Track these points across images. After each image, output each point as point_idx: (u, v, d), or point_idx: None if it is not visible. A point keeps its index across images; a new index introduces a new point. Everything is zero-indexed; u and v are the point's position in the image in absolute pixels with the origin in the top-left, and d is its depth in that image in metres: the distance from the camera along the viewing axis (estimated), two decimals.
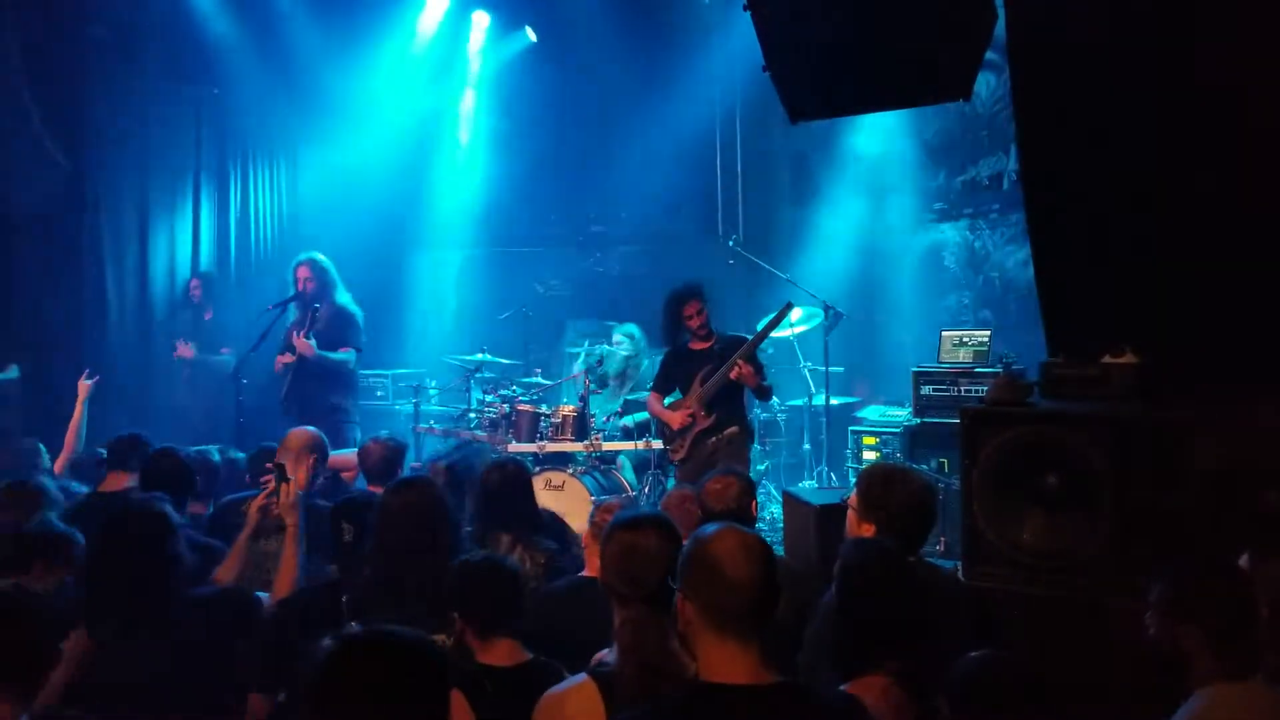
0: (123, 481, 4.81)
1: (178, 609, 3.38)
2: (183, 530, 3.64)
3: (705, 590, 2.29)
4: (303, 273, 7.34)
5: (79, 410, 6.12)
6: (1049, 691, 2.54)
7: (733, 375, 6.34)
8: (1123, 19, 4.58)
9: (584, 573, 3.91)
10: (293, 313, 7.41)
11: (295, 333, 7.22)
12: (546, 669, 3.06)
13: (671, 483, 7.11)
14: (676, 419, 6.61)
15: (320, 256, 7.42)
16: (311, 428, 4.84)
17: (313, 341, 7.17)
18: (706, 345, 6.63)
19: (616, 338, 8.36)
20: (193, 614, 3.41)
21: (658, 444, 7.20)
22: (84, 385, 6.21)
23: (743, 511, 4.25)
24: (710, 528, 2.41)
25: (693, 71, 9.53)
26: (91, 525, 3.77)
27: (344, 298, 7.45)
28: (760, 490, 6.69)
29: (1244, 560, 3.03)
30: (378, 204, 9.39)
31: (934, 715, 2.80)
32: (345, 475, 5.31)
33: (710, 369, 6.50)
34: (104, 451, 5.16)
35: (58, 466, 5.78)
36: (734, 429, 6.54)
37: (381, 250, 9.43)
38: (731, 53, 8.97)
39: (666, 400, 6.81)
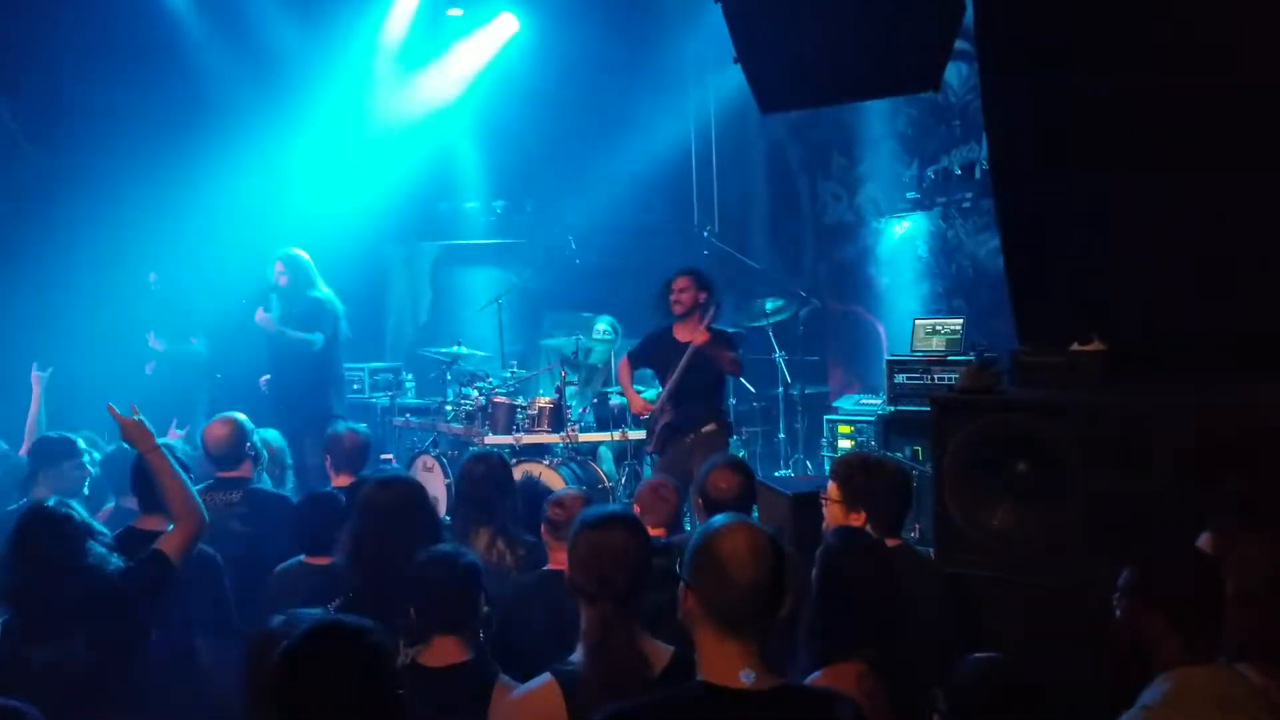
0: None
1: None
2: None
3: (710, 588, 2.26)
4: (278, 268, 7.33)
5: (35, 404, 6.05)
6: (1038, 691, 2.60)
7: (697, 341, 6.33)
8: (1089, 9, 4.63)
9: (546, 567, 3.92)
10: (273, 307, 7.38)
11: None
12: (480, 670, 3.03)
13: (648, 472, 7.15)
14: (635, 405, 6.69)
15: (296, 251, 7.40)
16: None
17: (272, 315, 7.13)
18: (691, 336, 6.60)
19: (601, 327, 8.38)
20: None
21: (634, 434, 7.23)
22: (37, 377, 6.15)
23: (744, 503, 4.28)
24: (720, 520, 2.37)
25: (667, 63, 9.54)
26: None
27: (319, 291, 7.41)
28: None
29: (1203, 540, 3.08)
30: (352, 197, 9.36)
31: (908, 701, 2.85)
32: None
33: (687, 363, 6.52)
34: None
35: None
36: (712, 425, 6.53)
37: (356, 244, 9.40)
38: (705, 44, 8.98)
39: (640, 390, 6.86)
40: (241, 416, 4.94)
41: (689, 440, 6.50)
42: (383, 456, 7.09)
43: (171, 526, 3.70)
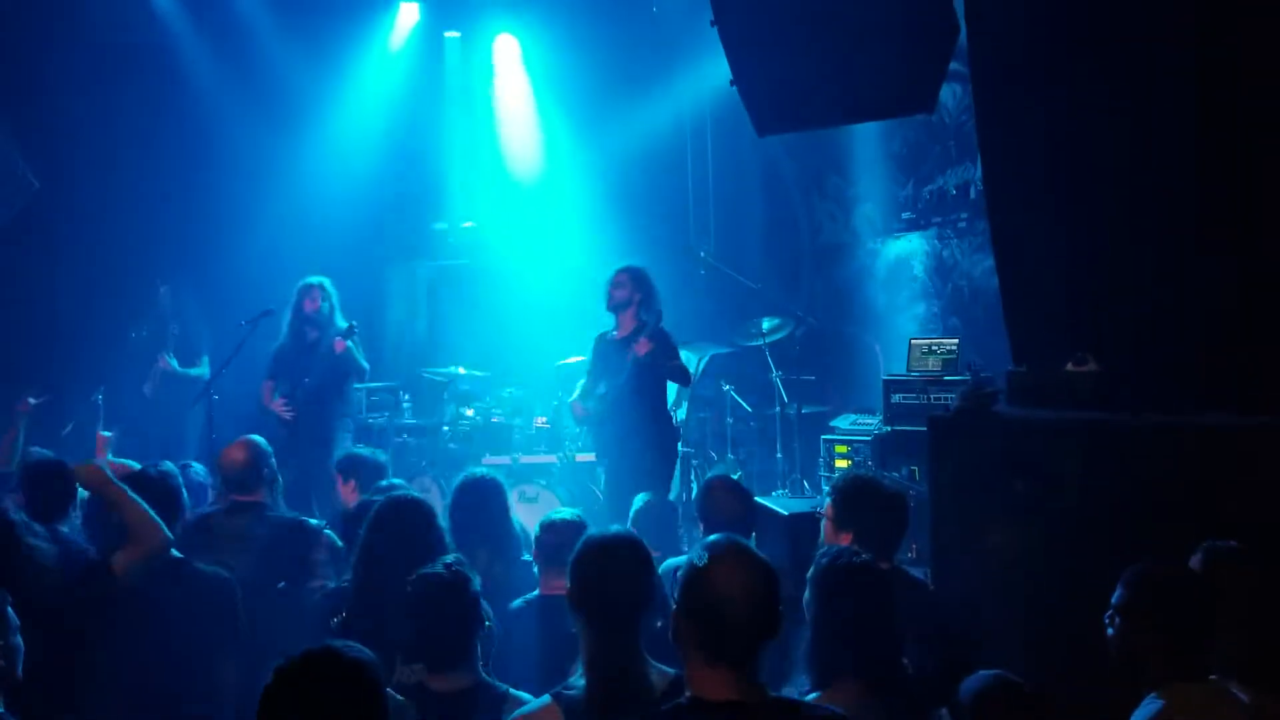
0: None
1: None
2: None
3: (701, 620, 2.25)
4: (315, 294, 7.30)
5: (17, 428, 6.01)
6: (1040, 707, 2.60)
7: (640, 351, 6.36)
8: (1081, 32, 4.67)
9: (537, 592, 3.90)
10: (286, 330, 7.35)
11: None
12: (489, 693, 3.02)
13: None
14: (576, 410, 6.79)
15: (329, 283, 7.41)
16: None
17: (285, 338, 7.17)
18: (628, 333, 6.62)
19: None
20: None
21: None
22: (26, 404, 6.11)
23: (745, 522, 4.27)
24: (714, 546, 2.35)
25: (662, 84, 9.57)
26: None
27: (343, 322, 7.41)
28: None
29: (1196, 560, 3.10)
30: (350, 216, 9.39)
31: None
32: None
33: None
34: None
35: None
36: (650, 432, 6.56)
37: (355, 263, 9.41)
38: (701, 64, 9.03)
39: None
40: (259, 439, 4.89)
41: (626, 446, 6.52)
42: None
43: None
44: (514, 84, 10.16)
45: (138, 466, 4.50)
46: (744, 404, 8.69)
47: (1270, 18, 4.12)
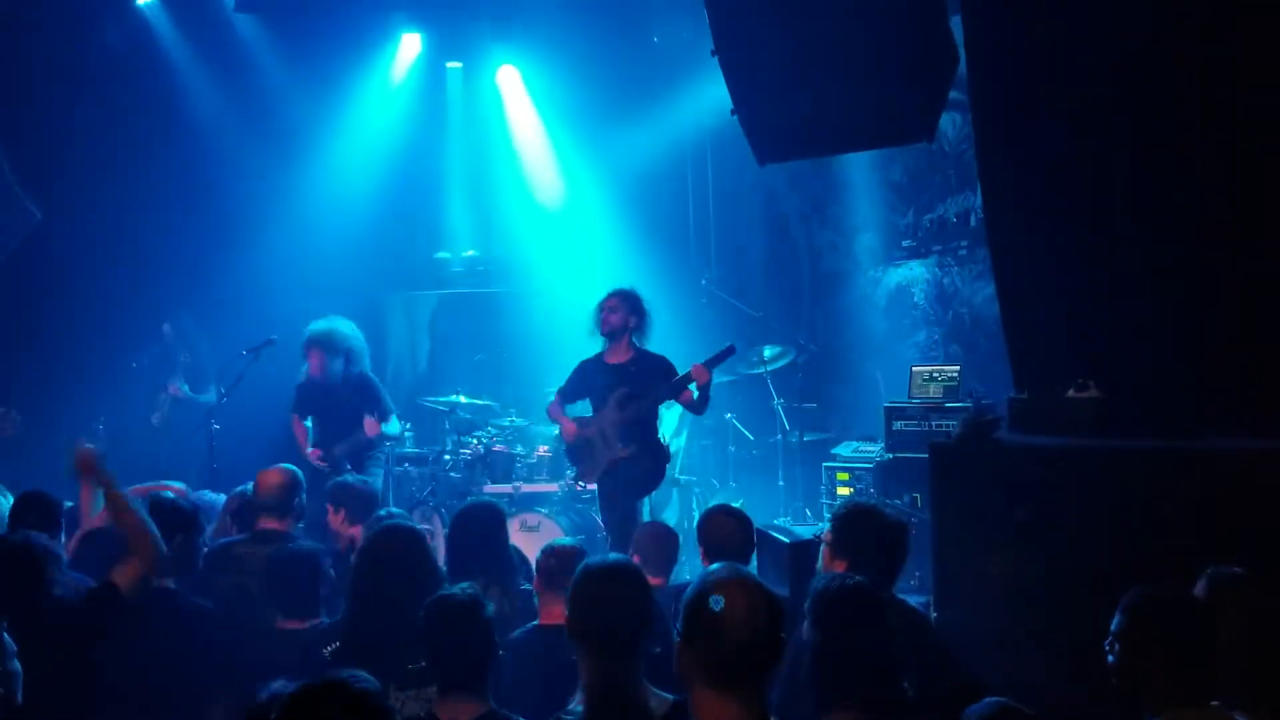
0: None
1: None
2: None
3: (705, 647, 2.27)
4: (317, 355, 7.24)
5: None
6: None
7: (700, 380, 6.28)
8: (1080, 63, 4.70)
9: (537, 622, 3.88)
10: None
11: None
12: None
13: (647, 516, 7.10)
14: (570, 430, 6.60)
15: (335, 332, 7.28)
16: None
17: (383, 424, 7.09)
18: (623, 359, 6.57)
19: None
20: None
21: None
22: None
23: (744, 548, 4.26)
24: (715, 574, 2.38)
25: (664, 112, 9.63)
26: None
27: (367, 362, 7.36)
28: None
29: (1200, 587, 3.09)
30: (352, 245, 9.41)
31: None
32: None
33: (624, 393, 6.45)
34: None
35: None
36: (630, 450, 6.45)
37: (356, 291, 9.43)
38: (702, 93, 9.08)
39: (575, 411, 6.79)
40: (295, 469, 4.87)
41: (626, 470, 6.45)
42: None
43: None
44: (517, 114, 10.21)
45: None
46: (746, 432, 8.69)
47: (1270, 16, 4.15)
